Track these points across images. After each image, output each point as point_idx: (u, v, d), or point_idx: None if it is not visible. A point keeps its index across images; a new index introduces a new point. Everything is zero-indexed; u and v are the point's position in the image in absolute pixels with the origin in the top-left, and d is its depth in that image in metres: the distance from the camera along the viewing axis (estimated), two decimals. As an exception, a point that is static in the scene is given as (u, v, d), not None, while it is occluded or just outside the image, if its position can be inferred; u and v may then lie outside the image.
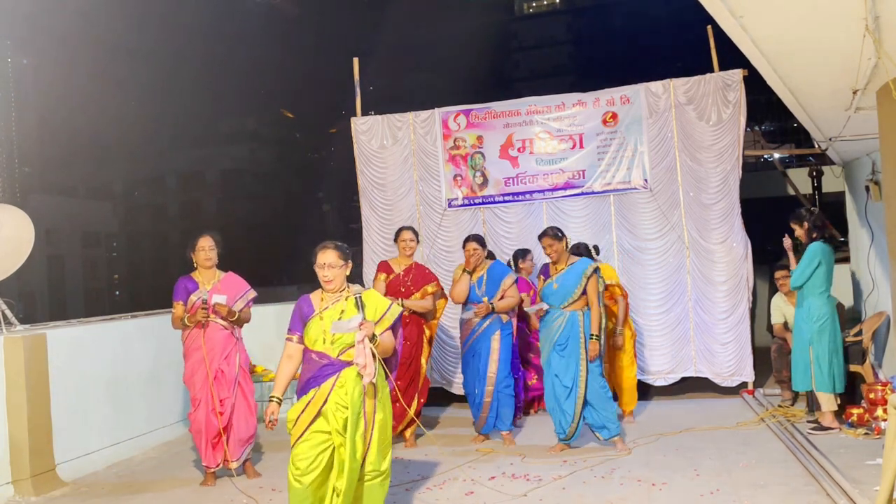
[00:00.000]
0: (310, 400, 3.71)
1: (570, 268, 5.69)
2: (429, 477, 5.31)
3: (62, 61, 33.48)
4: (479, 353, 6.08)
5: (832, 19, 3.64)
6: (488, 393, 6.04)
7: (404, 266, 6.23)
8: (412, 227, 6.38)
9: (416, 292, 6.16)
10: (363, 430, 3.70)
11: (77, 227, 37.51)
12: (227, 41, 37.81)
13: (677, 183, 7.44)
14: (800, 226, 6.03)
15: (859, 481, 4.40)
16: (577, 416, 5.62)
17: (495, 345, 6.05)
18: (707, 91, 7.35)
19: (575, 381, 5.60)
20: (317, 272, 3.80)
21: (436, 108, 8.06)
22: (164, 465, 6.17)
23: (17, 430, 5.44)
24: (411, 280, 6.17)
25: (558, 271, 5.73)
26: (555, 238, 5.69)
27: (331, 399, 3.68)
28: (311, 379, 3.71)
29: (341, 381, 3.70)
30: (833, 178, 9.74)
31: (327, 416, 3.68)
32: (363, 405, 3.71)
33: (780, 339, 7.05)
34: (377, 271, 6.34)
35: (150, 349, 6.86)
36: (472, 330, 6.12)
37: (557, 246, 5.68)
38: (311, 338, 3.75)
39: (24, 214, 6.37)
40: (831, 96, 5.21)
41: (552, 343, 5.66)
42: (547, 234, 5.75)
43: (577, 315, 5.62)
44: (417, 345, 6.17)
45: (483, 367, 6.07)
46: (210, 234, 5.58)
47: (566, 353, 5.61)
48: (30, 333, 5.77)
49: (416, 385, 6.17)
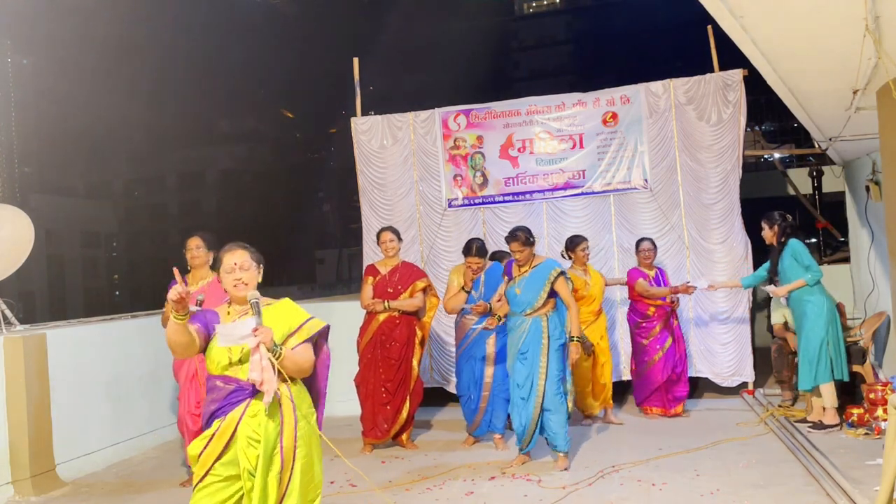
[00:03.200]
0: (214, 433, 3.04)
1: (534, 271, 5.35)
2: (428, 477, 5.31)
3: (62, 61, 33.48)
4: (475, 356, 6.02)
5: (832, 19, 3.65)
6: (484, 398, 5.99)
7: (390, 267, 6.16)
8: (392, 228, 6.29)
9: (405, 291, 6.08)
10: (278, 470, 3.00)
11: (77, 227, 37.51)
12: (228, 41, 37.81)
13: (677, 183, 7.44)
14: (770, 227, 6.08)
15: (859, 481, 4.39)
16: (533, 423, 5.28)
17: (491, 349, 5.98)
18: (707, 91, 7.35)
19: (533, 389, 5.26)
20: (224, 279, 3.21)
21: (436, 108, 8.06)
22: (164, 465, 6.17)
23: (17, 430, 5.44)
24: (398, 279, 6.11)
25: (522, 274, 5.40)
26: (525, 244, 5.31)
27: (240, 431, 3.01)
28: (217, 409, 3.05)
29: (253, 410, 3.02)
30: (833, 178, 9.74)
31: (236, 452, 3.03)
32: (280, 439, 3.02)
33: (780, 339, 7.05)
34: (364, 274, 6.31)
35: (150, 349, 6.86)
36: (467, 333, 6.05)
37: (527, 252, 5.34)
38: (215, 360, 3.08)
39: (24, 214, 6.38)
40: (831, 96, 5.21)
41: (515, 351, 5.35)
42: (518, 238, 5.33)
43: (541, 321, 5.28)
44: (408, 346, 6.10)
45: (479, 372, 6.00)
46: (200, 235, 5.49)
47: (527, 360, 5.30)
48: (30, 333, 5.78)
49: (406, 386, 6.09)
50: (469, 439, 6.17)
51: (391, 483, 5.22)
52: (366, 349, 6.13)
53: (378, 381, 6.07)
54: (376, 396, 6.07)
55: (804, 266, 5.85)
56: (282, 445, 3.02)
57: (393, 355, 6.05)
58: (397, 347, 6.05)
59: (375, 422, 6.07)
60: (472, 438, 6.16)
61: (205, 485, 3.05)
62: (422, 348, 6.26)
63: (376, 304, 6.05)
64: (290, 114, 42.75)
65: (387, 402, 6.07)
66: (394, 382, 6.06)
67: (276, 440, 3.01)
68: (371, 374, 6.10)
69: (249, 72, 38.99)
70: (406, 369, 6.09)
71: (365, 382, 6.13)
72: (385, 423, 6.07)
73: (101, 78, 34.29)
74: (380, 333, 6.08)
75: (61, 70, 33.46)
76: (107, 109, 34.26)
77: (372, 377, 6.09)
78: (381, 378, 6.07)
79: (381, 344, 6.07)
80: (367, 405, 6.11)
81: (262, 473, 2.99)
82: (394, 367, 6.05)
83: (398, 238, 6.20)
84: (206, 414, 3.10)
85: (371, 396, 6.08)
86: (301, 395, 3.14)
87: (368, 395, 6.10)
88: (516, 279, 5.40)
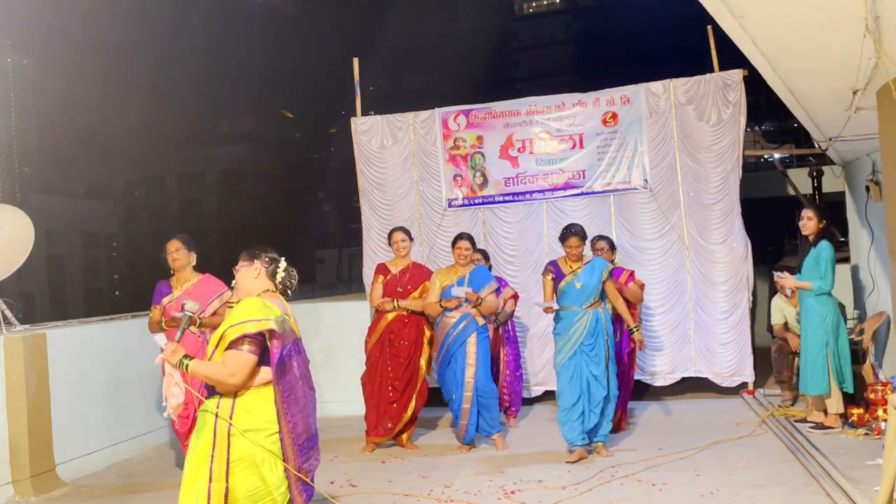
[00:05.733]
0: None
1: (588, 266, 5.59)
2: (428, 477, 5.30)
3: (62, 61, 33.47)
4: (456, 356, 5.87)
5: (832, 19, 3.65)
6: (467, 399, 5.82)
7: (401, 266, 6.20)
8: (403, 228, 6.32)
9: (415, 291, 6.12)
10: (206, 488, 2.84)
11: (77, 227, 37.47)
12: (227, 41, 37.79)
13: (677, 183, 7.44)
14: (818, 220, 5.86)
15: (859, 481, 4.40)
16: (609, 415, 5.62)
17: (472, 349, 5.84)
18: (707, 91, 7.35)
19: (611, 380, 5.52)
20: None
21: (436, 108, 8.06)
22: (164, 465, 6.17)
23: (17, 430, 5.44)
24: (409, 279, 6.15)
25: (575, 269, 5.58)
26: (582, 238, 5.57)
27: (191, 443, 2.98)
28: None
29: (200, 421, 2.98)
30: (833, 178, 9.74)
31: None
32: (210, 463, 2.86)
33: (780, 339, 7.05)
34: (375, 273, 6.31)
35: (150, 349, 6.82)
36: (447, 333, 5.89)
37: (583, 247, 5.59)
38: None
39: (24, 214, 6.38)
40: (831, 96, 5.21)
41: (577, 343, 5.47)
42: (577, 233, 5.56)
43: (600, 313, 5.53)
44: (417, 345, 6.12)
45: (460, 373, 5.85)
46: (178, 237, 5.46)
47: (594, 353, 5.48)
48: (30, 333, 5.78)
49: (413, 385, 6.10)
50: (463, 447, 5.99)
51: (391, 483, 5.22)
52: (374, 348, 6.15)
53: (386, 379, 6.07)
54: (383, 395, 6.06)
55: (819, 274, 5.79)
56: (211, 470, 2.84)
57: (402, 354, 6.06)
58: (406, 346, 6.07)
59: (380, 421, 6.06)
60: (466, 446, 5.98)
61: None
62: (430, 348, 6.24)
63: (386, 304, 6.07)
64: (290, 114, 42.71)
65: (394, 401, 6.06)
66: (402, 381, 6.06)
67: (208, 460, 2.86)
68: (378, 373, 6.10)
69: (249, 72, 38.95)
70: (414, 368, 6.11)
71: (371, 381, 6.12)
72: (390, 422, 6.05)
73: (100, 78, 34.26)
74: (388, 332, 6.10)
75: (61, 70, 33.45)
76: (107, 109, 34.24)
77: (379, 376, 6.09)
78: (390, 377, 6.07)
79: (390, 343, 6.09)
80: (372, 403, 6.10)
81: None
82: (402, 366, 6.06)
83: (410, 238, 6.25)
84: None
85: (377, 395, 6.07)
86: (249, 408, 2.93)
87: (374, 393, 6.09)
88: (571, 275, 5.56)
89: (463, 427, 5.91)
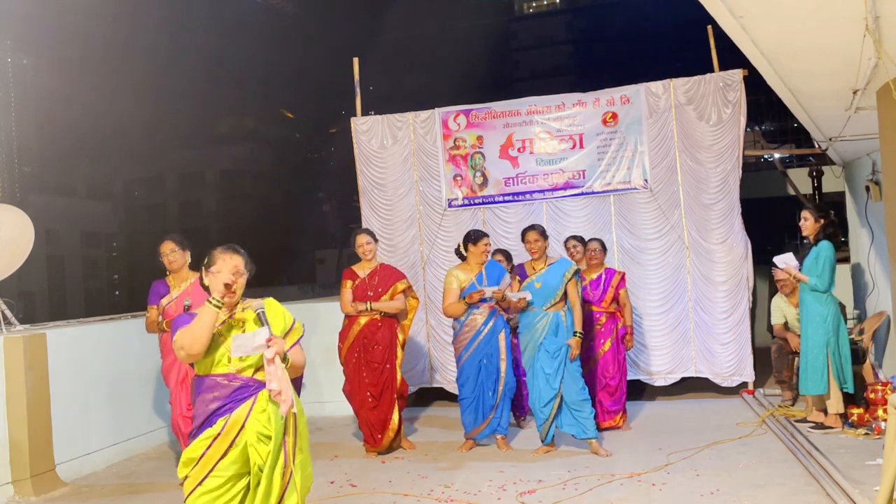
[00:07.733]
0: (219, 432, 2.98)
1: (551, 268, 5.65)
2: (428, 477, 5.30)
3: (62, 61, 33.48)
4: (490, 354, 5.86)
5: (832, 19, 3.65)
6: (500, 393, 5.87)
7: (368, 270, 6.06)
8: (367, 230, 6.26)
9: (385, 294, 6.00)
10: (283, 465, 2.99)
11: (77, 227, 37.49)
12: (227, 41, 37.81)
13: (677, 183, 7.44)
14: (815, 220, 5.84)
15: (859, 481, 4.40)
16: (551, 417, 5.61)
17: (502, 344, 5.90)
18: (707, 91, 7.35)
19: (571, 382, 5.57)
20: (214, 279, 3.09)
21: (436, 108, 8.06)
22: (164, 465, 6.17)
23: (17, 430, 5.44)
24: (378, 282, 6.02)
25: (537, 271, 5.67)
26: (542, 235, 5.67)
27: (249, 427, 2.99)
28: (221, 407, 3.00)
29: (260, 406, 3.01)
30: (833, 178, 9.74)
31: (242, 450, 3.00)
32: (284, 437, 3.01)
33: (780, 339, 7.05)
34: (342, 279, 6.18)
35: (150, 349, 6.83)
36: (478, 331, 5.86)
37: (543, 243, 5.67)
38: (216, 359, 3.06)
39: (24, 214, 6.38)
40: (831, 96, 5.21)
41: (537, 344, 5.59)
42: (535, 228, 5.71)
43: (561, 315, 5.58)
44: (391, 348, 6.02)
45: (496, 369, 5.86)
46: (171, 238, 5.49)
47: (554, 354, 5.55)
48: (30, 333, 5.78)
49: (391, 389, 6.01)
50: (467, 444, 6.00)
51: (391, 483, 5.22)
52: (349, 354, 6.05)
53: (363, 385, 6.00)
54: (364, 403, 6.00)
55: (816, 273, 5.79)
56: (285, 444, 3.00)
57: (376, 359, 5.98)
58: (380, 350, 5.98)
59: (372, 432, 6.01)
60: (472, 442, 6.01)
61: (208, 489, 2.96)
62: (403, 351, 6.17)
63: (358, 306, 5.96)
64: (290, 114, 42.75)
65: (373, 407, 5.98)
66: (377, 387, 5.98)
67: (282, 437, 3.00)
68: (357, 381, 6.03)
69: (249, 72, 38.99)
70: (390, 372, 6.02)
71: (353, 393, 6.06)
72: (378, 434, 5.99)
73: (101, 77, 34.28)
74: (361, 337, 6.00)
75: (61, 70, 33.45)
76: (107, 109, 34.26)
77: (358, 384, 6.03)
78: (366, 383, 5.99)
79: (364, 348, 6.00)
80: (362, 416, 6.05)
81: (268, 471, 2.97)
82: (377, 371, 5.98)
83: (374, 240, 6.13)
84: (205, 413, 3.02)
85: (362, 405, 6.01)
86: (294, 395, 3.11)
87: (359, 405, 6.03)
88: (532, 276, 5.64)
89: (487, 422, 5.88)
